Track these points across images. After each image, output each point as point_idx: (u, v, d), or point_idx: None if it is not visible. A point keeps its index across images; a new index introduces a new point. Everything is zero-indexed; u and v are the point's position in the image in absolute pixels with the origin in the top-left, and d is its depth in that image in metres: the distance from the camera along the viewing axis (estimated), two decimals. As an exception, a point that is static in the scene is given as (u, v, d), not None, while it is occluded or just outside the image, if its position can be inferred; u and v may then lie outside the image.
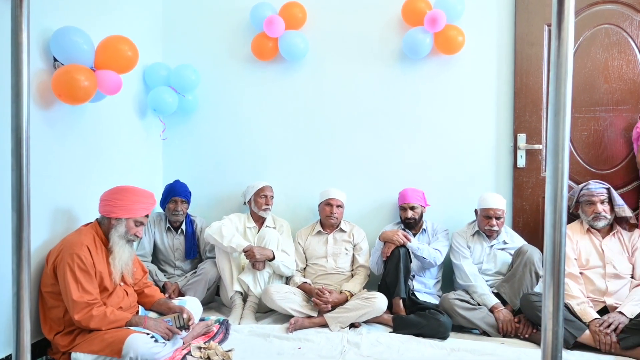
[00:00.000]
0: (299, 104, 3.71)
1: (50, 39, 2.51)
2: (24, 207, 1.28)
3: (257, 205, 3.43)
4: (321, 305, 2.98)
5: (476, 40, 3.42)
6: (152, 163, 3.77)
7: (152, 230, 3.44)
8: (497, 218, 3.05)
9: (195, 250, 3.47)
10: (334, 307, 3.00)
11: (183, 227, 3.46)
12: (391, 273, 3.02)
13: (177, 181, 3.49)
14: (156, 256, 3.47)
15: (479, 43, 3.43)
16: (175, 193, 3.38)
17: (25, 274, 1.29)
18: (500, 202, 3.08)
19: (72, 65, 2.50)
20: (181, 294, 3.19)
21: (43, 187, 2.55)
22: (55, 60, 2.58)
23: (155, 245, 3.44)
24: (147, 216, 2.57)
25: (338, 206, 3.33)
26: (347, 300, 3.04)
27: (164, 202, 3.43)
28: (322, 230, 3.39)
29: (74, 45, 2.51)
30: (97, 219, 2.56)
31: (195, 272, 3.34)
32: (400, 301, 3.01)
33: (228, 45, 3.78)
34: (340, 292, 3.10)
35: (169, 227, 3.45)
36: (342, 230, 3.39)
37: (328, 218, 3.32)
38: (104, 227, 2.51)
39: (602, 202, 2.85)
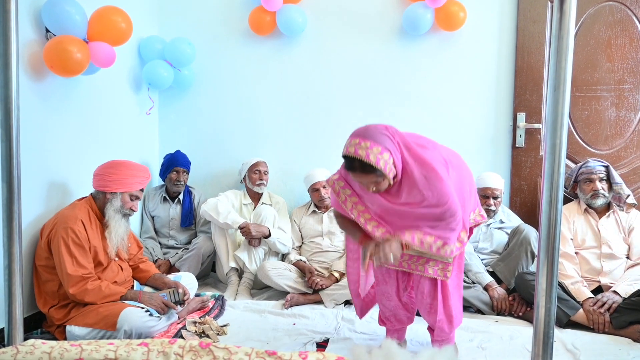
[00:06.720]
0: (297, 79, 3.65)
1: (41, 9, 2.46)
2: (14, 179, 1.26)
3: (251, 180, 3.41)
4: (312, 285, 2.98)
5: (478, 17, 3.35)
6: (148, 137, 3.73)
7: (148, 205, 3.46)
8: (495, 197, 3.03)
9: (190, 219, 3.49)
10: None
11: (180, 197, 3.47)
12: None
13: (178, 151, 3.50)
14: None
15: (481, 19, 3.36)
16: (178, 163, 3.42)
17: (17, 247, 1.28)
18: (498, 181, 3.06)
19: (64, 36, 2.45)
20: (171, 271, 3.21)
21: (37, 160, 2.53)
22: (47, 31, 2.52)
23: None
24: (142, 190, 2.56)
25: (324, 187, 3.29)
26: (337, 281, 3.04)
27: (164, 173, 3.45)
28: (316, 210, 3.38)
29: (66, 16, 2.45)
30: (91, 194, 2.54)
31: (188, 248, 3.35)
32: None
33: (225, 19, 3.70)
34: (330, 275, 3.08)
35: (164, 197, 3.46)
36: (337, 209, 3.38)
37: (322, 201, 3.29)
38: (98, 202, 2.49)
39: (601, 179, 2.84)
